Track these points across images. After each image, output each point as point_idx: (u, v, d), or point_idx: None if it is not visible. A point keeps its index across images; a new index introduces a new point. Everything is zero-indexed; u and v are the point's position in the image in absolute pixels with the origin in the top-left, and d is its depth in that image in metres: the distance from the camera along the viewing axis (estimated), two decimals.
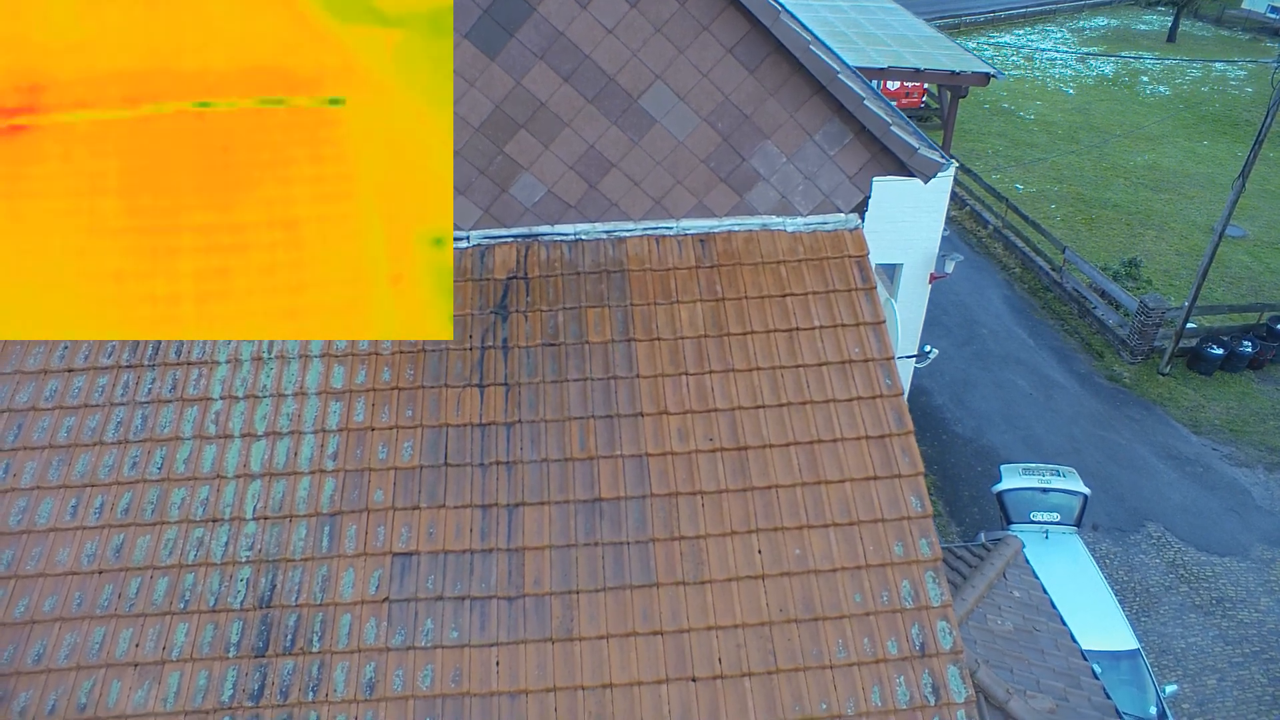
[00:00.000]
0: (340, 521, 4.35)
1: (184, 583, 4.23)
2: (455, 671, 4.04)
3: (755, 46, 4.66)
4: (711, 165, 4.98)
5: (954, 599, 5.18)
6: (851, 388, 4.75)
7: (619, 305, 4.91)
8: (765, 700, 4.03)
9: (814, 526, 4.41)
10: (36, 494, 4.44)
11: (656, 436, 4.57)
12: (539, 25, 4.50)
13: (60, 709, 3.96)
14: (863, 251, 5.14)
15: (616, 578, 4.25)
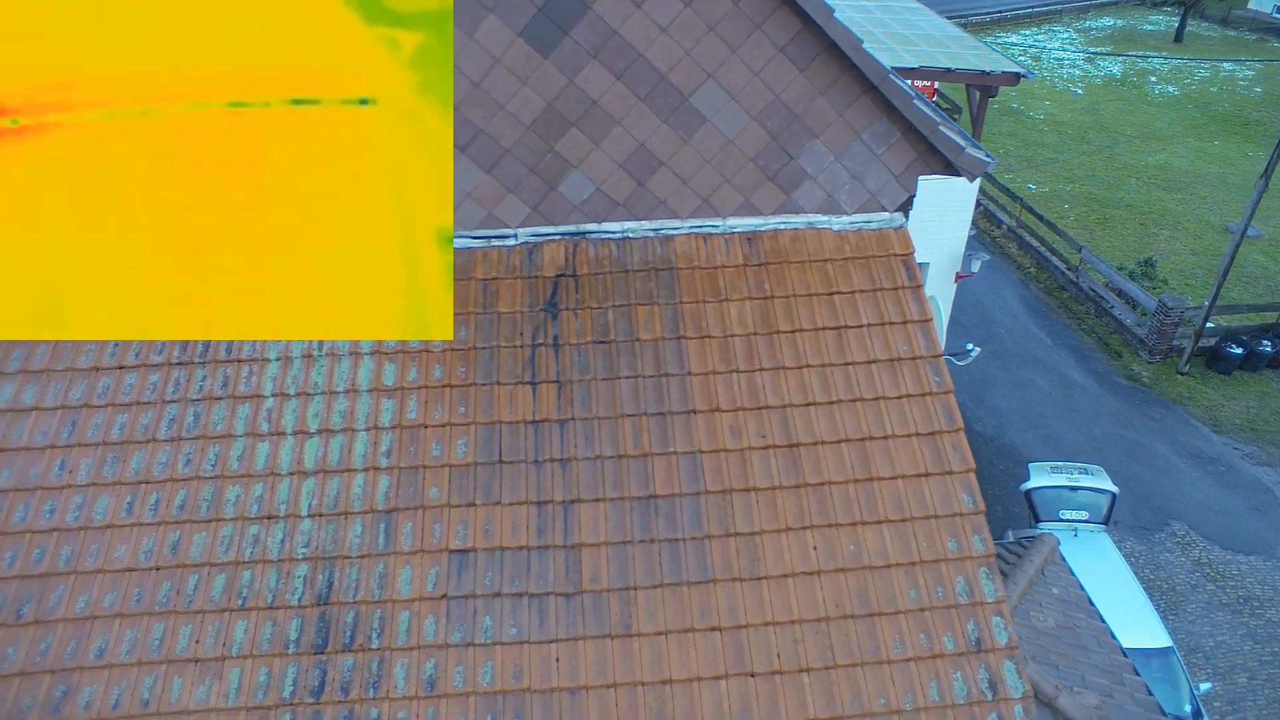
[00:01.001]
0: (396, 519, 4.36)
1: (241, 579, 4.24)
2: (515, 668, 4.05)
3: (806, 45, 4.68)
4: (760, 164, 5.00)
5: None
6: (901, 385, 4.77)
7: (668, 303, 4.93)
8: (824, 696, 4.05)
9: (867, 523, 4.43)
10: (92, 490, 4.44)
11: (709, 433, 4.59)
12: (594, 24, 4.51)
13: (124, 704, 3.97)
14: (908, 250, 5.16)
15: (673, 574, 4.27)
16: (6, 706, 3.94)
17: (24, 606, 4.16)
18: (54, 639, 4.10)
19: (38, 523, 4.35)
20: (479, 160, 4.84)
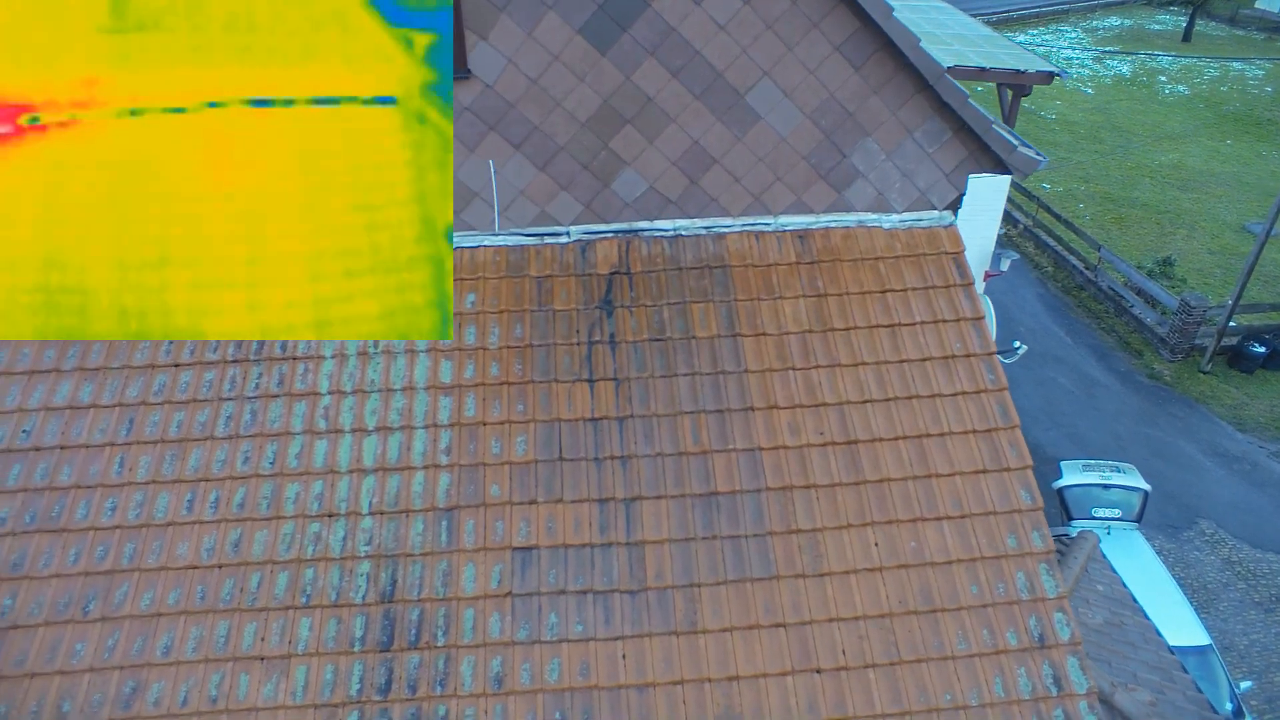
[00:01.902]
0: (458, 516, 4.36)
1: (304, 577, 4.24)
2: (582, 665, 4.05)
3: (862, 44, 4.69)
4: (812, 162, 5.01)
5: None
6: (956, 382, 4.77)
7: (723, 300, 4.93)
8: (890, 691, 4.05)
9: (927, 519, 4.44)
10: (153, 488, 4.44)
11: (768, 431, 4.60)
12: (652, 21, 4.52)
13: (193, 701, 3.97)
14: (959, 248, 5.18)
15: (737, 571, 4.27)
16: (79, 702, 3.94)
17: (90, 603, 4.16)
18: (121, 636, 4.10)
19: (100, 520, 4.35)
20: (533, 158, 4.84)
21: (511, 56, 4.56)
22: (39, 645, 4.08)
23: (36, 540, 4.31)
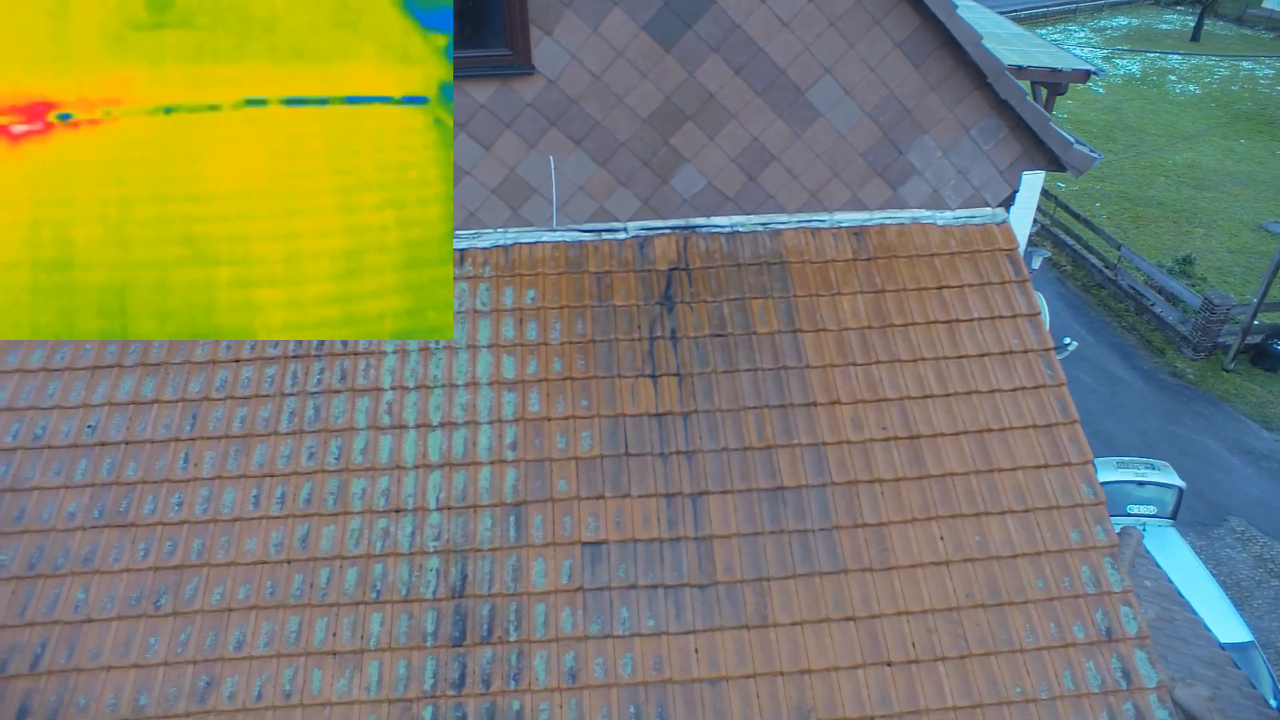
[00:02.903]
0: (525, 511, 4.37)
1: (374, 573, 4.24)
2: (655, 659, 4.07)
3: (924, 41, 4.70)
4: (869, 159, 5.02)
5: None
6: (1015, 378, 4.79)
7: (782, 296, 4.95)
8: (960, 684, 4.07)
9: (991, 513, 4.46)
10: (218, 484, 4.45)
11: (831, 426, 4.61)
12: (718, 18, 4.53)
13: (267, 696, 3.97)
14: (1013, 245, 5.19)
15: (805, 565, 4.29)
16: (154, 696, 3.95)
17: (161, 598, 4.16)
18: (193, 630, 4.11)
19: (168, 515, 4.35)
20: (594, 154, 4.85)
21: (575, 52, 4.57)
22: (113, 639, 4.08)
23: (106, 535, 4.32)
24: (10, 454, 4.49)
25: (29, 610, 4.14)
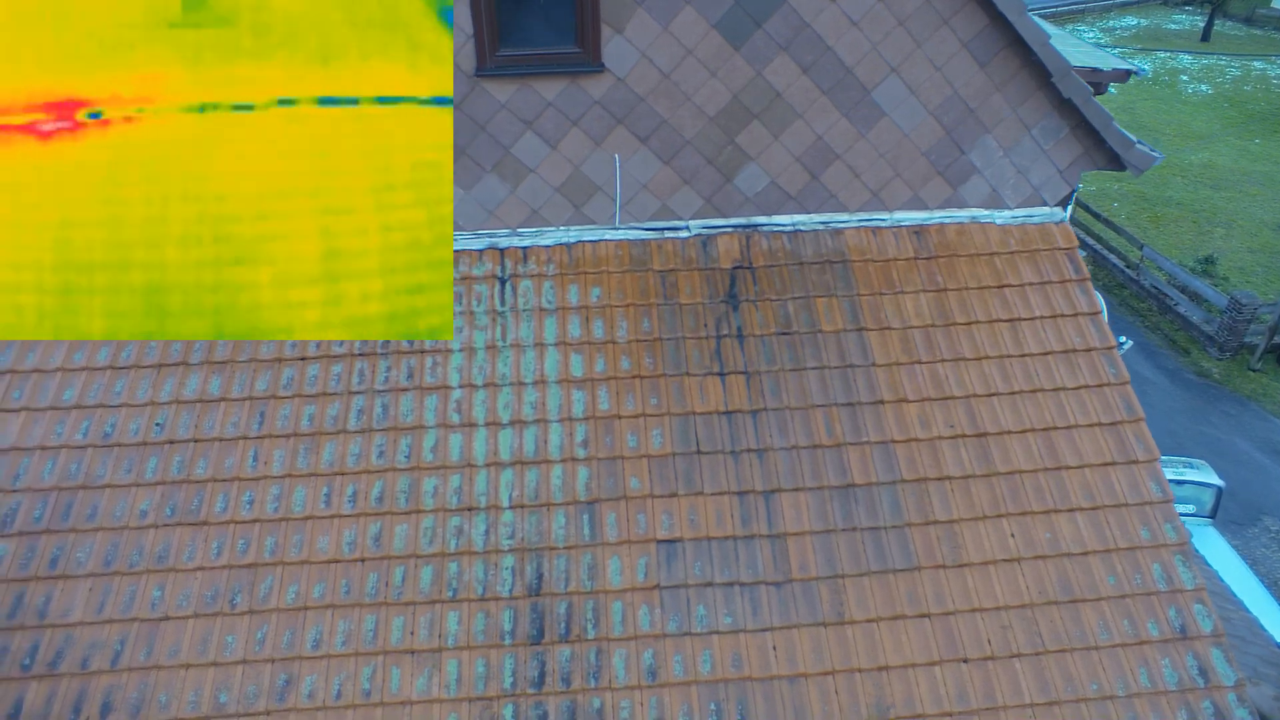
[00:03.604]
0: (599, 509, 4.37)
1: (448, 571, 4.24)
2: (734, 656, 4.07)
3: (990, 40, 4.71)
4: (931, 158, 5.03)
5: None
6: (1079, 376, 4.81)
7: (846, 295, 4.96)
8: (1037, 681, 4.08)
9: (1060, 511, 4.47)
10: (288, 482, 4.44)
11: (899, 424, 4.62)
12: (788, 16, 4.53)
13: (346, 694, 3.97)
14: (1072, 244, 5.20)
15: (878, 562, 4.30)
16: (234, 694, 3.95)
17: (236, 596, 4.16)
18: (269, 629, 4.11)
19: (239, 514, 4.35)
20: (659, 152, 4.85)
21: (645, 50, 4.57)
22: (190, 637, 4.08)
23: (179, 533, 4.32)
24: (81, 451, 4.49)
25: (107, 607, 4.13)
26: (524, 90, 4.64)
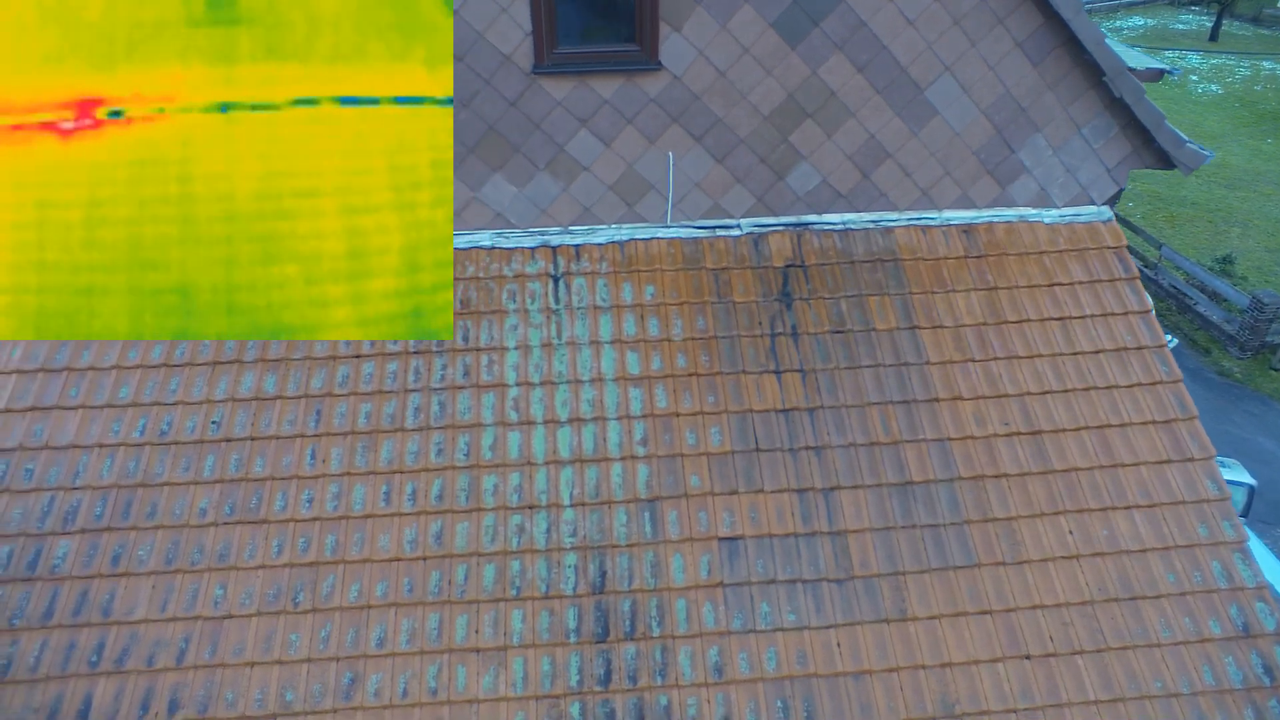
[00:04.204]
0: (660, 507, 4.37)
1: (511, 569, 4.24)
2: (799, 653, 4.08)
3: (1044, 40, 4.72)
4: (981, 157, 5.04)
5: None
6: (1131, 374, 4.82)
7: (898, 293, 4.96)
8: (1100, 678, 4.09)
9: (1117, 508, 4.48)
10: (347, 480, 4.44)
11: (954, 421, 4.63)
12: (845, 15, 4.54)
13: (412, 692, 3.97)
14: (1120, 243, 5.21)
15: (939, 559, 4.30)
16: (300, 692, 3.95)
17: (299, 594, 4.16)
18: (333, 627, 4.10)
19: (299, 512, 4.35)
20: (713, 150, 4.86)
21: (703, 49, 4.58)
22: (254, 635, 4.08)
23: (239, 531, 4.31)
24: (139, 449, 4.49)
25: (170, 605, 4.13)
26: (580, 88, 4.65)
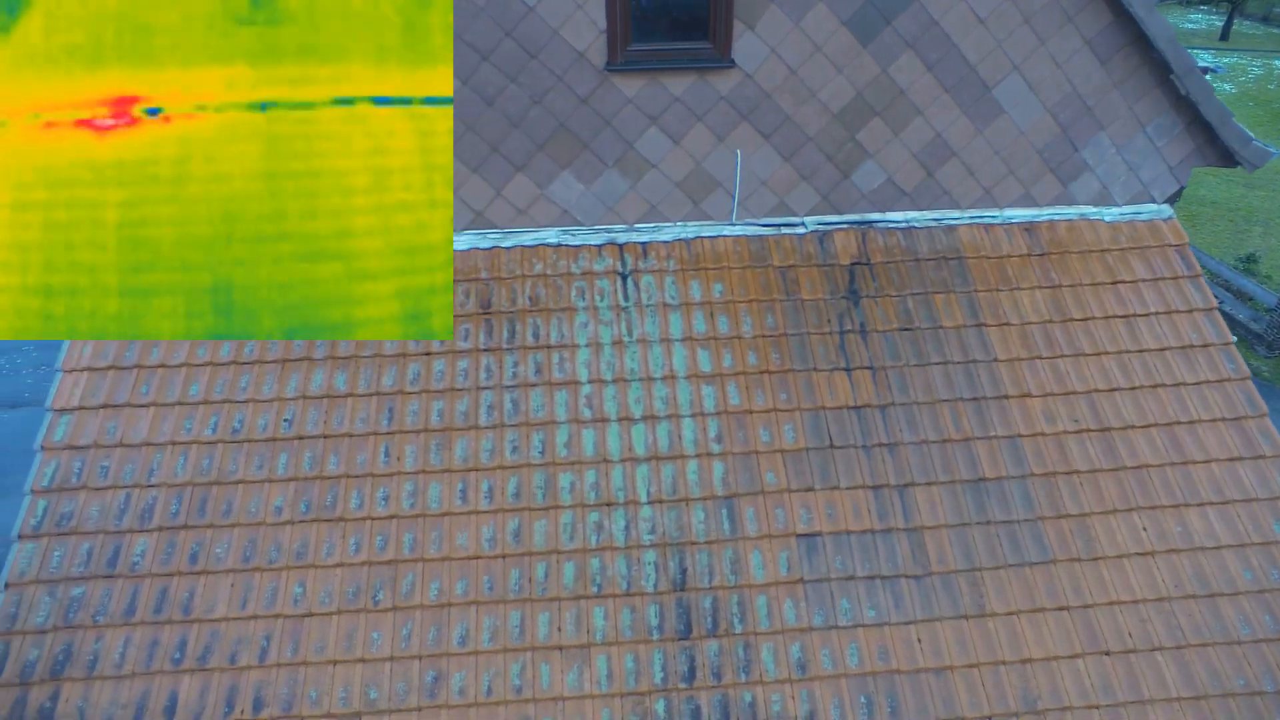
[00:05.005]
0: (737, 504, 4.38)
1: (591, 567, 4.25)
2: (880, 649, 4.09)
3: (1113, 38, 4.73)
4: (1044, 155, 5.05)
5: None
6: (1198, 371, 4.83)
7: (963, 291, 4.97)
8: (1181, 675, 4.10)
9: (1190, 505, 4.49)
10: (422, 478, 4.44)
11: (1024, 418, 4.64)
12: (917, 14, 4.55)
13: (497, 690, 3.97)
14: (1183, 240, 5.23)
15: (1014, 555, 4.31)
16: (384, 690, 3.95)
17: (379, 593, 4.16)
18: (414, 625, 4.10)
19: (375, 510, 4.35)
20: (780, 148, 4.87)
21: (775, 47, 4.58)
22: (336, 633, 4.08)
23: (315, 529, 4.31)
24: (212, 447, 4.48)
25: (250, 603, 4.13)
26: (652, 85, 4.65)
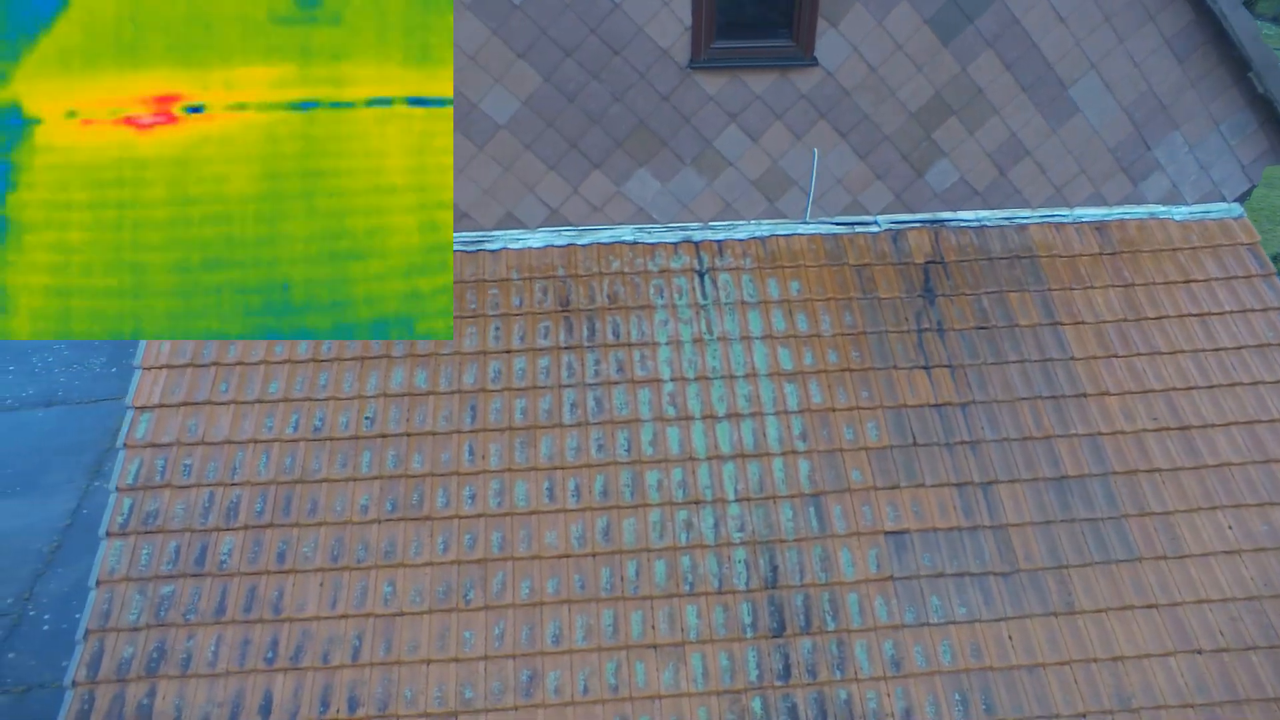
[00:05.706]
0: (825, 502, 4.38)
1: (682, 565, 4.24)
2: (972, 647, 4.09)
3: (1191, 36, 4.75)
4: (1116, 155, 5.07)
5: None
6: (1276, 370, 4.85)
7: (1037, 290, 4.99)
8: (1277, 675, 4.12)
9: (1275, 504, 4.50)
10: (508, 476, 4.43)
11: (1103, 416, 4.65)
12: (999, 13, 4.56)
13: (593, 689, 3.96)
14: (1254, 239, 5.25)
15: (1100, 553, 4.32)
16: (480, 690, 3.93)
17: (470, 592, 4.14)
18: (507, 624, 4.09)
19: (462, 508, 4.33)
20: (857, 147, 4.87)
21: (857, 45, 4.58)
22: (428, 632, 4.06)
23: (402, 528, 4.29)
24: (294, 445, 4.46)
25: (340, 602, 4.11)
26: (733, 83, 4.64)
